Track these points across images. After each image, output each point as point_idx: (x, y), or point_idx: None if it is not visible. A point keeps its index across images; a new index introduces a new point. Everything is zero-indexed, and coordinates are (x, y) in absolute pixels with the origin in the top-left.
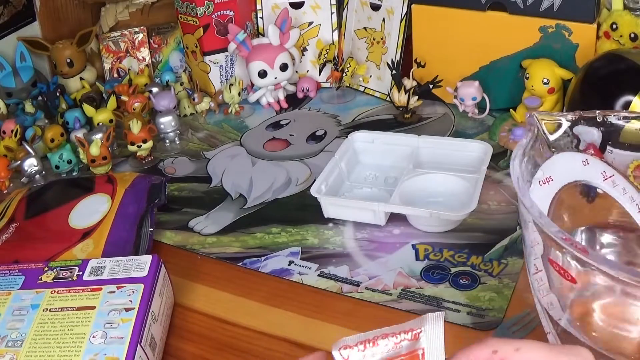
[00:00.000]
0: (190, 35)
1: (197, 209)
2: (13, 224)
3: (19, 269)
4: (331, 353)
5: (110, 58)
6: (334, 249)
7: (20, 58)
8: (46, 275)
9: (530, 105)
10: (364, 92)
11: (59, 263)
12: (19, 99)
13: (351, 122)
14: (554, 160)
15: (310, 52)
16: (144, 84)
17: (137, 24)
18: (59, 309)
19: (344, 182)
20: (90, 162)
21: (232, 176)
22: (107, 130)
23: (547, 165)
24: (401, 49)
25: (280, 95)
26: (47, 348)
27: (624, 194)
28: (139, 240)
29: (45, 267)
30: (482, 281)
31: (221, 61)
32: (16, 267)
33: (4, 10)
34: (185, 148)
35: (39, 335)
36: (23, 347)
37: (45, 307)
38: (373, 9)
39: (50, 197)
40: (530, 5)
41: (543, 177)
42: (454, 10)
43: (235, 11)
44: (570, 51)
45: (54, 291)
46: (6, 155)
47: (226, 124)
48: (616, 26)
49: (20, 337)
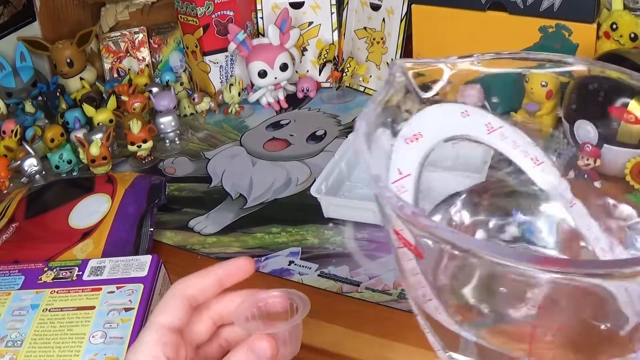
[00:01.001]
0: (190, 35)
1: (197, 209)
2: (13, 224)
3: (19, 269)
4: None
5: (110, 58)
6: (334, 249)
7: (20, 58)
8: (46, 275)
9: (530, 110)
10: (364, 92)
11: (59, 263)
12: (19, 99)
13: (351, 122)
14: (425, 113)
15: (310, 52)
16: (144, 84)
17: (137, 24)
18: (58, 309)
19: (344, 182)
20: (90, 162)
21: (232, 176)
22: (107, 130)
23: (415, 120)
24: (401, 49)
25: (280, 95)
26: (46, 348)
27: (515, 147)
28: (139, 240)
29: (45, 267)
30: None
31: (221, 61)
32: (16, 267)
33: (4, 10)
34: (185, 148)
35: (39, 335)
36: (23, 347)
37: (45, 307)
38: (373, 9)
39: (50, 197)
40: (530, 5)
41: (410, 134)
42: (454, 10)
43: (235, 11)
44: (570, 51)
45: (53, 291)
46: (6, 155)
47: (226, 124)
48: (616, 26)
49: (20, 337)
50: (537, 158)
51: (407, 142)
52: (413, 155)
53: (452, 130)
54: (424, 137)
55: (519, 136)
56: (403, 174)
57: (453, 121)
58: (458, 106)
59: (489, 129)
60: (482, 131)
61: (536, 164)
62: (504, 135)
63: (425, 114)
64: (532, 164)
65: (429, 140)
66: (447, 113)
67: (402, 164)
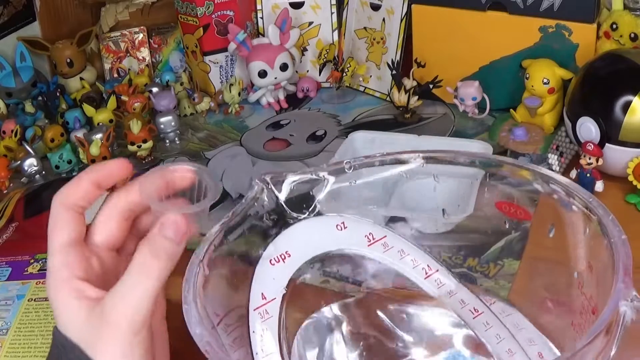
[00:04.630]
0: (190, 35)
1: None
2: (12, 224)
3: (6, 262)
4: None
5: (110, 58)
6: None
7: (20, 58)
8: (32, 267)
9: (531, 105)
10: (364, 92)
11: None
12: (19, 99)
13: (351, 122)
14: (293, 230)
15: (310, 52)
16: (144, 84)
17: (137, 24)
18: (43, 299)
19: None
20: (90, 162)
21: (232, 176)
22: (107, 130)
23: (282, 238)
24: (401, 49)
25: (280, 95)
26: (31, 336)
27: (402, 257)
28: None
29: (32, 259)
30: (478, 282)
31: (221, 61)
32: (3, 259)
33: (4, 10)
34: (185, 148)
35: (24, 324)
36: (8, 336)
37: (31, 297)
38: (373, 9)
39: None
40: (530, 5)
41: (275, 254)
42: (454, 10)
43: (235, 11)
44: (570, 51)
45: (39, 282)
46: (6, 155)
47: (226, 124)
48: (616, 26)
49: (5, 326)
50: (430, 266)
51: (272, 264)
52: (279, 276)
53: (325, 246)
54: (291, 256)
55: (406, 244)
56: (267, 298)
57: (327, 236)
58: (333, 218)
59: (370, 240)
60: (362, 243)
61: (427, 275)
62: (388, 246)
63: (293, 231)
64: (423, 273)
65: (297, 259)
66: (320, 228)
67: (265, 287)
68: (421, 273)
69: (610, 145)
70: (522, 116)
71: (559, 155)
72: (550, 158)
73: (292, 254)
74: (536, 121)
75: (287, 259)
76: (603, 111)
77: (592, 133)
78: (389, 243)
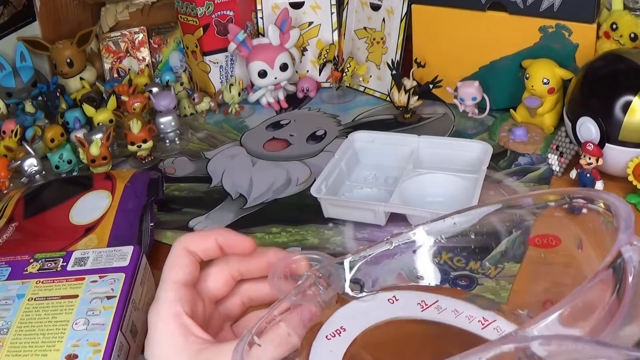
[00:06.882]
0: (190, 35)
1: (197, 209)
2: (12, 224)
3: (6, 261)
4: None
5: (110, 58)
6: (334, 249)
7: (20, 58)
8: (31, 266)
9: (530, 105)
10: (364, 92)
11: (44, 255)
12: (19, 99)
13: (351, 122)
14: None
15: (310, 52)
16: (144, 84)
17: (137, 24)
18: (43, 298)
19: (344, 182)
20: (90, 162)
21: (232, 176)
22: (107, 130)
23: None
24: (401, 49)
25: (280, 95)
26: (31, 335)
27: (457, 316)
28: (141, 235)
29: (31, 258)
30: (479, 282)
31: (221, 61)
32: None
33: (4, 10)
34: (185, 148)
35: (24, 323)
36: (9, 335)
37: (31, 297)
38: (373, 9)
39: (49, 196)
40: (530, 5)
41: (331, 330)
42: (454, 10)
43: (235, 11)
44: (570, 51)
45: (39, 281)
46: (6, 155)
47: (226, 124)
48: (616, 26)
49: (6, 326)
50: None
51: (327, 338)
52: (335, 349)
53: (378, 317)
54: (346, 330)
55: (459, 304)
56: None
57: (379, 309)
58: (384, 294)
59: (423, 306)
60: (415, 310)
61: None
62: (442, 308)
63: (348, 309)
64: (480, 325)
65: (352, 332)
66: (372, 303)
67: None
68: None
69: (610, 145)
70: (522, 116)
71: (559, 155)
72: (550, 158)
73: (347, 328)
74: (536, 121)
75: (342, 333)
76: (603, 111)
77: (592, 133)
78: (442, 305)
